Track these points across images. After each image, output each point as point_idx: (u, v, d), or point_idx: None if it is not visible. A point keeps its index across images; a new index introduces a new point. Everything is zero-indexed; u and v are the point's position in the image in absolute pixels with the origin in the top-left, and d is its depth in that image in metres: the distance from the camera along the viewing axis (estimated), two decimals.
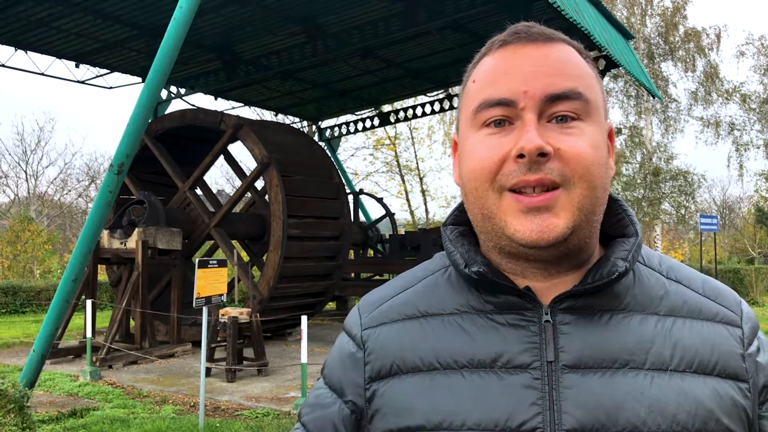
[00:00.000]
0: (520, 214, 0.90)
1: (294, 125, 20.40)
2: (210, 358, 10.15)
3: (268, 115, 23.44)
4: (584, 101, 0.92)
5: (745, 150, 31.16)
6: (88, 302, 10.42)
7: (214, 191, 18.65)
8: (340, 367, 1.05)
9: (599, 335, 0.91)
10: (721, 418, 0.87)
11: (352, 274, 18.90)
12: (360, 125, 21.10)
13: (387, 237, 18.94)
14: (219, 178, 62.34)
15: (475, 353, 0.93)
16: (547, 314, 0.93)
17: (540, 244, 0.89)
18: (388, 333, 1.01)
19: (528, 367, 0.90)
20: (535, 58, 0.92)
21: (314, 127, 21.51)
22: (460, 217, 1.06)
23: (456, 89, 19.75)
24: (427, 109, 19.50)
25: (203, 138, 14.43)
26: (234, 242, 14.30)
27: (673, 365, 0.90)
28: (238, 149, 56.41)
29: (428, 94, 19.39)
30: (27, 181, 40.17)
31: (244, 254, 15.86)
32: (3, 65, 14.52)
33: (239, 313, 10.33)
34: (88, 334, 10.11)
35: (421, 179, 33.66)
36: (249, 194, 14.97)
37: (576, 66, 0.94)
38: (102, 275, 18.14)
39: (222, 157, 14.38)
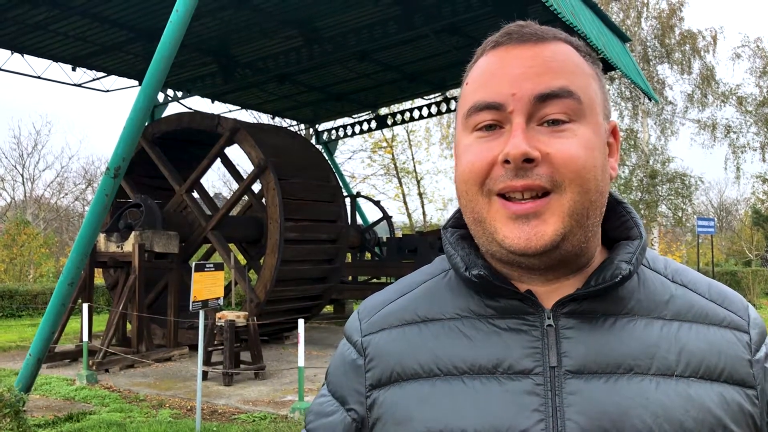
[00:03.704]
0: (509, 220, 0.88)
1: (291, 128, 20.38)
2: (207, 361, 10.13)
3: (265, 119, 23.41)
4: (576, 99, 0.89)
5: (742, 152, 31.20)
6: (85, 306, 10.39)
7: (211, 194, 18.62)
8: (342, 375, 1.03)
9: (603, 340, 0.89)
10: (728, 425, 0.85)
11: (350, 278, 18.87)
12: (357, 128, 21.09)
13: (384, 240, 18.92)
14: (216, 181, 62.33)
15: (476, 359, 0.91)
16: (549, 318, 0.91)
17: (528, 252, 0.88)
18: (388, 339, 0.98)
19: (530, 373, 0.88)
20: (525, 59, 0.90)
21: (311, 130, 21.50)
22: (460, 219, 1.03)
23: (453, 92, 19.78)
24: (425, 111, 19.53)
25: (200, 141, 14.41)
26: (231, 245, 14.28)
27: (679, 371, 0.88)
28: (234, 152, 56.40)
29: (425, 97, 19.41)
30: (23, 184, 40.15)
31: (241, 257, 15.83)
32: None
33: (236, 316, 10.31)
34: (85, 337, 10.08)
35: (418, 182, 33.68)
36: (246, 197, 14.95)
37: (568, 64, 0.91)
38: (99, 279, 18.08)
39: (219, 160, 14.35)
